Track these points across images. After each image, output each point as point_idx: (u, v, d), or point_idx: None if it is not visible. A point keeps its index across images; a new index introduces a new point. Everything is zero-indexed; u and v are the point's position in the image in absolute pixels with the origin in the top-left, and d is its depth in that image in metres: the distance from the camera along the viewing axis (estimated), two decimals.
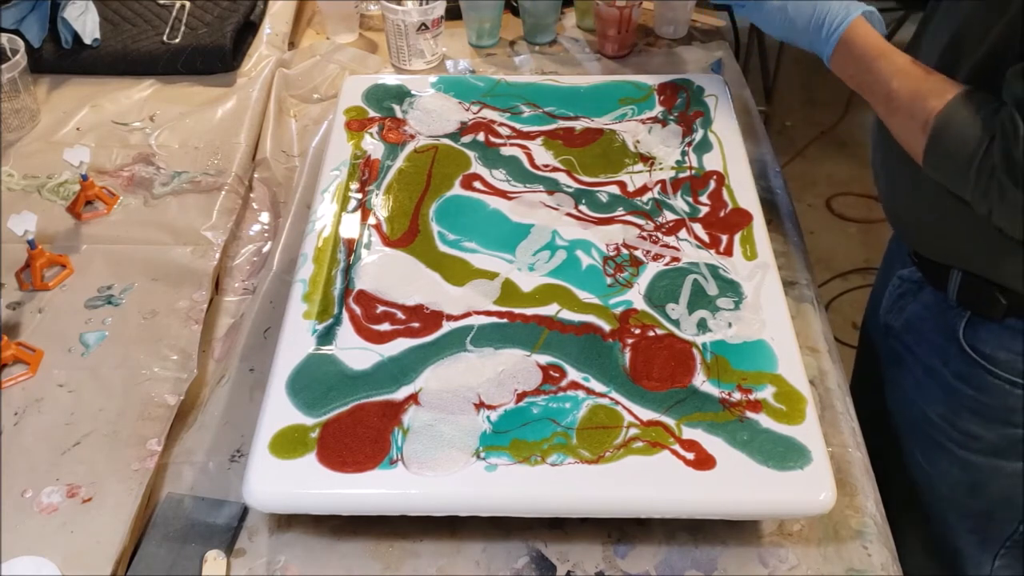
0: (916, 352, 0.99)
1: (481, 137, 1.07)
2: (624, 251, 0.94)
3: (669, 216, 0.97)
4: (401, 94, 1.13)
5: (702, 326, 0.86)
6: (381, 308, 0.88)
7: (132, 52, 1.28)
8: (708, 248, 0.94)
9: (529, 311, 0.88)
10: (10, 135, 1.18)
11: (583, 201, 0.99)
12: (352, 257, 0.93)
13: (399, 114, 1.11)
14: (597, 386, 0.81)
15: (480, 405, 0.80)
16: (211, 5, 1.35)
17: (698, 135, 1.07)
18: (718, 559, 0.78)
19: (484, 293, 0.89)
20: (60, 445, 0.84)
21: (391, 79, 1.17)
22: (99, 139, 1.18)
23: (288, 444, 0.76)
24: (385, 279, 0.91)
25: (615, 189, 1.01)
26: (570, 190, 1.01)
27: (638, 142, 1.07)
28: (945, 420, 0.96)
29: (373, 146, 1.06)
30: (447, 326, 0.86)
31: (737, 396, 0.80)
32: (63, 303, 0.97)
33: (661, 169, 1.03)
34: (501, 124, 1.09)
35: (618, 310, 0.88)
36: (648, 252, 0.93)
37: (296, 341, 0.85)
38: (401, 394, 0.80)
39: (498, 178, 1.02)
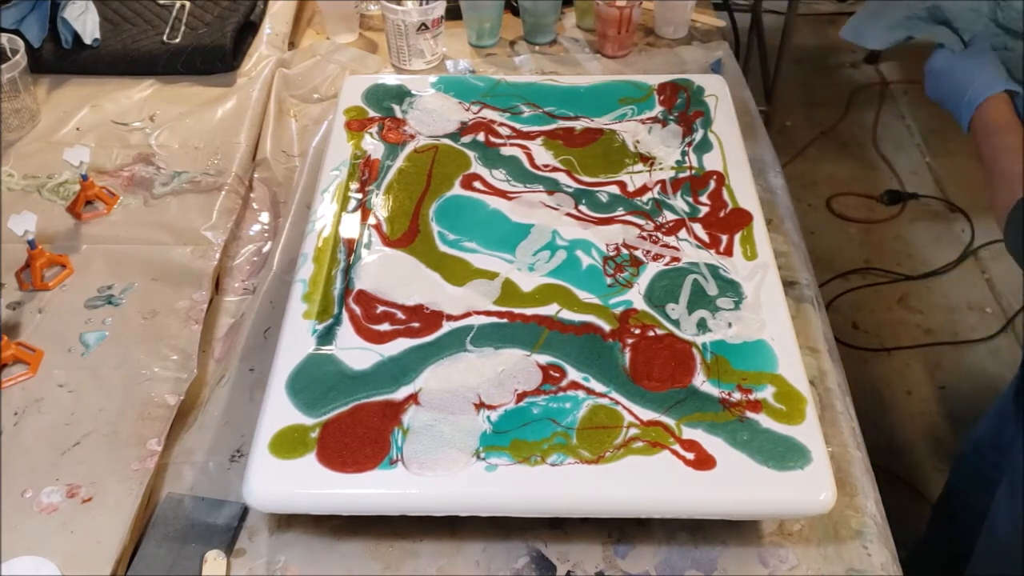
0: None
1: (481, 137, 1.07)
2: (624, 251, 0.94)
3: (669, 216, 0.97)
4: (401, 94, 1.13)
5: (702, 326, 0.86)
6: (381, 308, 0.88)
7: (132, 52, 1.28)
8: (708, 248, 0.94)
9: (529, 311, 0.88)
10: (10, 135, 1.18)
11: (583, 201, 0.99)
12: (352, 257, 0.93)
13: (399, 114, 1.11)
14: (597, 386, 0.81)
15: (480, 405, 0.80)
16: (211, 5, 1.35)
17: (698, 135, 1.07)
18: (718, 559, 0.78)
19: (484, 293, 0.89)
20: (60, 445, 0.84)
21: (391, 79, 1.17)
22: (99, 139, 1.18)
23: (288, 444, 0.76)
24: (385, 279, 0.91)
25: (615, 189, 1.01)
26: (570, 190, 1.01)
27: (638, 142, 1.07)
28: None
29: (373, 146, 1.06)
30: (447, 326, 0.86)
31: (737, 396, 0.80)
32: (63, 303, 0.97)
33: (661, 169, 1.03)
34: (501, 124, 1.09)
35: (618, 310, 0.88)
36: (648, 252, 0.93)
37: (296, 341, 0.85)
38: (401, 394, 0.80)
39: (498, 178, 1.02)
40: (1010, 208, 0.82)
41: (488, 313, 0.87)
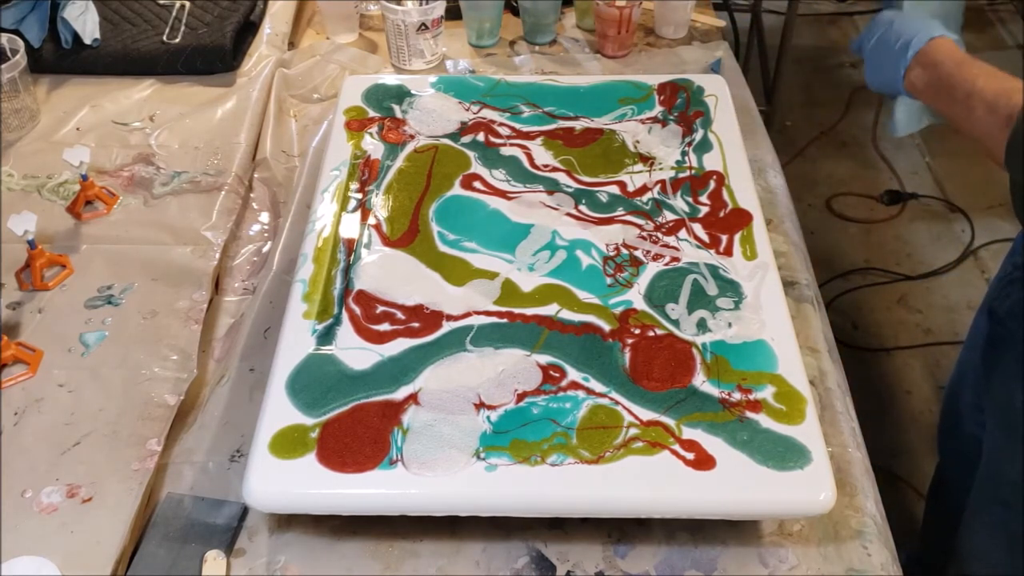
0: (1014, 339, 1.00)
1: (481, 137, 1.07)
2: (624, 251, 0.94)
3: (669, 216, 0.97)
4: (401, 94, 1.13)
5: (702, 326, 0.86)
6: (381, 308, 0.88)
7: (132, 52, 1.28)
8: (708, 248, 0.94)
9: (529, 311, 0.88)
10: (10, 135, 1.18)
11: (583, 201, 0.99)
12: (352, 257, 0.93)
13: (399, 114, 1.11)
14: (597, 386, 0.81)
15: (480, 405, 0.80)
16: (211, 5, 1.35)
17: (698, 135, 1.07)
18: (718, 559, 0.78)
19: (484, 293, 0.89)
20: (60, 445, 0.84)
21: (391, 79, 1.17)
22: (99, 139, 1.18)
23: (288, 444, 0.76)
24: (385, 279, 0.91)
25: (615, 189, 1.01)
26: (570, 190, 1.01)
27: (638, 142, 1.07)
28: None
29: (373, 146, 1.06)
30: (447, 326, 0.86)
31: (737, 396, 0.80)
32: (63, 303, 0.97)
33: (661, 169, 1.03)
34: (501, 124, 1.09)
35: (618, 310, 0.88)
36: (648, 252, 0.93)
37: (296, 341, 0.85)
38: (401, 394, 0.80)
39: (498, 178, 1.02)
40: (1014, 118, 0.80)
41: (488, 313, 0.87)
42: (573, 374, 0.82)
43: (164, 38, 1.29)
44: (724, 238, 0.95)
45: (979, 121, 0.85)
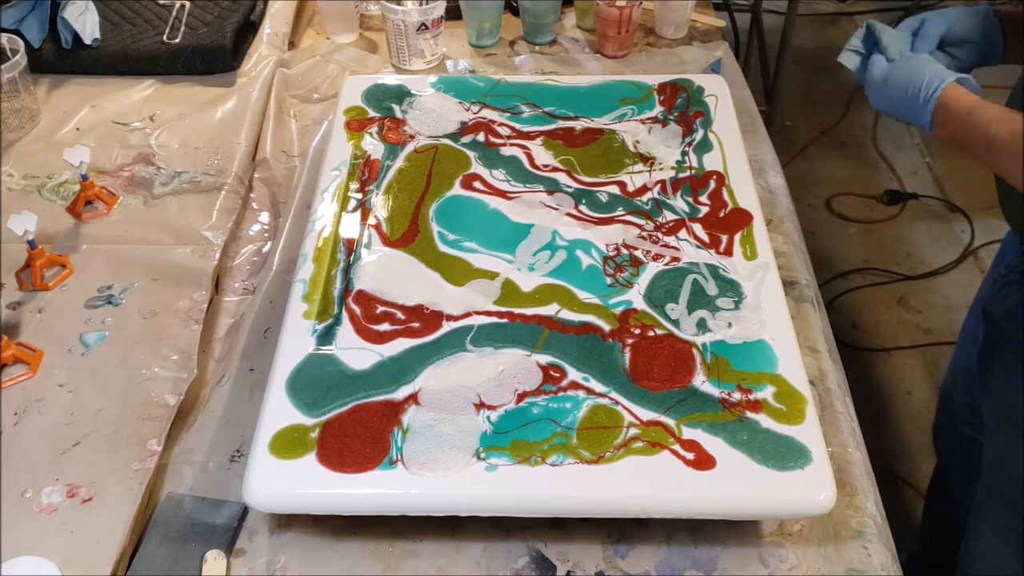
0: (1012, 341, 1.00)
1: (481, 137, 1.07)
2: (624, 251, 0.94)
3: (669, 216, 0.97)
4: (401, 94, 1.13)
5: (702, 326, 0.86)
6: (381, 308, 0.88)
7: (132, 52, 1.28)
8: (708, 248, 0.94)
9: (529, 311, 0.88)
10: (10, 135, 1.18)
11: (583, 201, 0.99)
12: (352, 257, 0.93)
13: (399, 114, 1.11)
14: (597, 386, 0.81)
15: (480, 405, 0.80)
16: (211, 5, 1.35)
17: (698, 135, 1.07)
18: (718, 559, 0.78)
19: (484, 293, 0.89)
20: (60, 445, 0.84)
21: (391, 79, 1.17)
22: (99, 139, 1.18)
23: (288, 444, 0.76)
24: (385, 279, 0.91)
25: (615, 189, 1.01)
26: (570, 190, 1.01)
27: (638, 142, 1.07)
28: None
29: (373, 146, 1.06)
30: (447, 326, 0.86)
31: (737, 396, 0.80)
32: (63, 303, 0.97)
33: (661, 169, 1.03)
34: (501, 124, 1.09)
35: (618, 310, 0.88)
36: (648, 252, 0.93)
37: (296, 341, 0.85)
38: (401, 394, 0.80)
39: (498, 178, 1.02)
40: None
41: (488, 313, 0.87)
42: (573, 374, 0.82)
43: (164, 38, 1.29)
44: (724, 238, 0.95)
45: (1004, 166, 0.85)
